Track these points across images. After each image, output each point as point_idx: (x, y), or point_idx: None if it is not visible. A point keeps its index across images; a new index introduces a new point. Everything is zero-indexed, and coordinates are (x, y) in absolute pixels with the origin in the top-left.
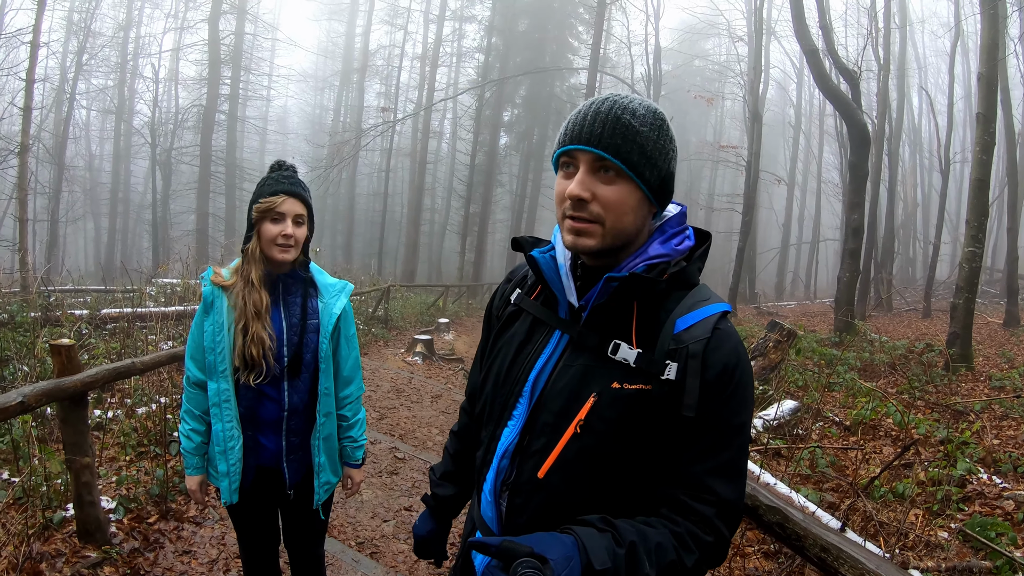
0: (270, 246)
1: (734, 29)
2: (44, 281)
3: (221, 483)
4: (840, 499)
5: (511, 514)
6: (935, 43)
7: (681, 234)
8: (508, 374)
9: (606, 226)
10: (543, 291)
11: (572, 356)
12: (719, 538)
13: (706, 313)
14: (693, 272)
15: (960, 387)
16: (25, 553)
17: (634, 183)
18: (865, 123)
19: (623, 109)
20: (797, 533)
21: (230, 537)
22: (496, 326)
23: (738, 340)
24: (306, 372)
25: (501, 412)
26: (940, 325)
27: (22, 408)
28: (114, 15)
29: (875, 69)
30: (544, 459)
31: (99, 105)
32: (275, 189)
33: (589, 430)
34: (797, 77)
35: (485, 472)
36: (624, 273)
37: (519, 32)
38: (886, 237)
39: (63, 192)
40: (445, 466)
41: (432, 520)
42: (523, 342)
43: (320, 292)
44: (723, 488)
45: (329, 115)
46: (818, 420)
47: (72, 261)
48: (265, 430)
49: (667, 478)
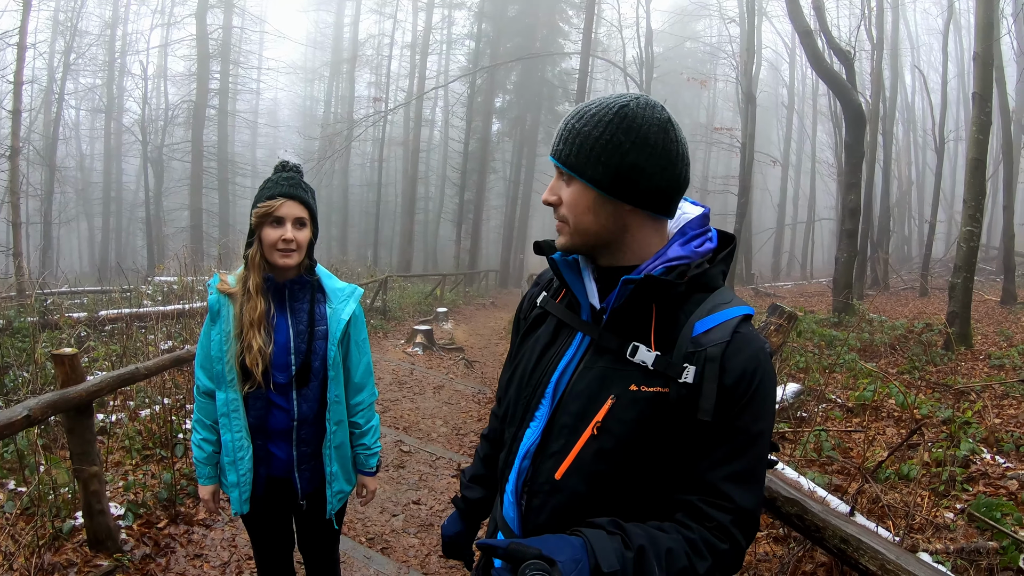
0: (271, 251)
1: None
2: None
3: (231, 493)
4: (847, 482)
5: (530, 515)
6: (927, 21)
7: (702, 236)
8: (531, 376)
9: (571, 226)
10: (567, 294)
11: (592, 358)
12: (734, 546)
13: (726, 316)
14: (715, 275)
15: (960, 366)
16: (37, 565)
17: (583, 183)
18: (860, 103)
19: (577, 114)
20: (816, 524)
21: (241, 539)
22: (523, 328)
23: (761, 346)
24: (315, 380)
25: (524, 413)
26: (937, 304)
27: (28, 422)
28: (100, 13)
29: (868, 48)
30: (562, 460)
31: (88, 104)
32: (273, 192)
33: (606, 432)
34: (789, 57)
35: (507, 473)
36: (640, 275)
37: (509, 18)
38: (882, 216)
39: (55, 193)
40: (475, 469)
41: (461, 522)
42: (547, 344)
43: (328, 297)
44: (740, 496)
45: (320, 107)
46: (821, 403)
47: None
48: (276, 440)
49: (683, 483)
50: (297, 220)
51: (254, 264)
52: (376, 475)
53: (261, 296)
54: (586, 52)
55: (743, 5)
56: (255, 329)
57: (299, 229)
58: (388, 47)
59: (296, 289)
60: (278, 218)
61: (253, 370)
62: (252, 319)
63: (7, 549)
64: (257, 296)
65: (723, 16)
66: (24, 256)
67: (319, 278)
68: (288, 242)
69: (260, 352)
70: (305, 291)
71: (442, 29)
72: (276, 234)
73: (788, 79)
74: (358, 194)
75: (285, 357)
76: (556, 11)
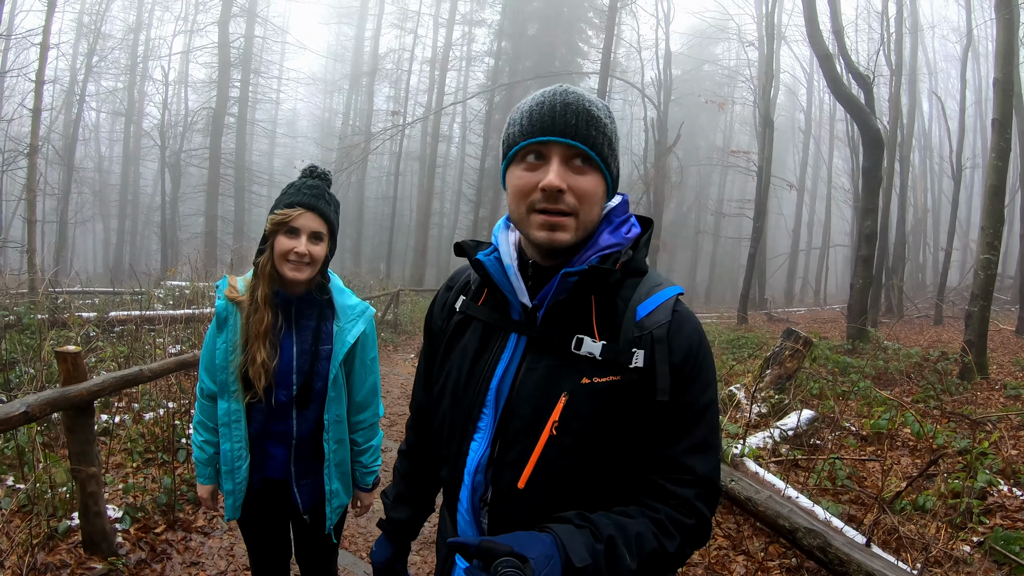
0: (282, 262)
1: (744, 34)
2: (52, 283)
3: (227, 500)
4: (861, 512)
5: (495, 529)
6: (945, 48)
7: (628, 223)
8: (467, 385)
9: (579, 218)
10: (490, 295)
11: (535, 358)
12: (700, 520)
13: (663, 298)
14: (642, 259)
15: (976, 396)
16: (29, 564)
17: (602, 174)
18: (879, 128)
19: (587, 102)
20: (840, 558)
21: (239, 548)
22: (443, 338)
23: (696, 320)
24: (316, 402)
25: (465, 425)
26: (952, 332)
27: (26, 418)
28: (124, 17)
29: (886, 74)
30: (522, 467)
31: (109, 107)
32: (292, 200)
33: (566, 429)
34: (807, 81)
35: (456, 492)
36: (583, 266)
37: (529, 36)
38: (897, 243)
39: (72, 194)
40: (398, 488)
41: (390, 544)
42: (478, 350)
43: (337, 315)
44: (700, 464)
45: (338, 118)
46: (835, 430)
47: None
48: (275, 444)
49: (643, 464)
50: (314, 234)
51: (264, 273)
52: (373, 491)
53: (269, 308)
54: (605, 72)
55: (762, 29)
56: (260, 342)
57: (315, 243)
58: (408, 61)
59: (304, 306)
60: (294, 228)
61: (256, 383)
62: (258, 331)
63: (0, 546)
64: (265, 308)
65: (742, 39)
66: (38, 254)
67: (331, 294)
68: (301, 256)
69: (263, 366)
70: (313, 308)
71: (462, 46)
72: (289, 245)
73: (805, 103)
74: (373, 207)
75: (288, 376)
76: (575, 31)
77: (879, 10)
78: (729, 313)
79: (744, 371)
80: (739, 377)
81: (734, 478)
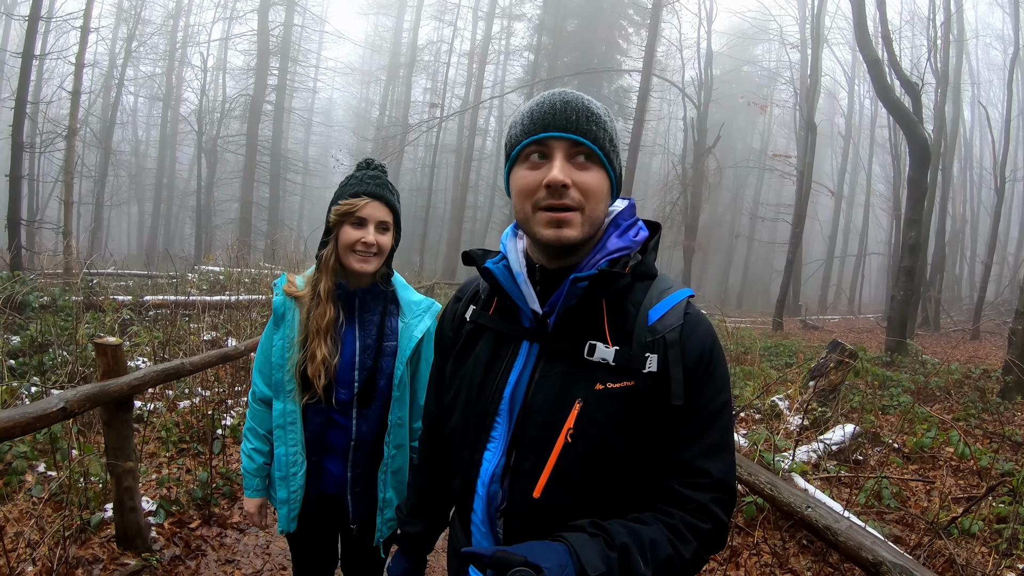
0: (347, 254)
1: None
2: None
3: (280, 510)
4: (905, 533)
5: (511, 539)
6: (989, 56)
7: (635, 226)
8: (480, 394)
9: (585, 213)
10: (500, 303)
11: (548, 365)
12: (716, 524)
13: (674, 300)
14: (651, 262)
15: (1015, 416)
16: (60, 557)
17: (605, 170)
18: (926, 137)
19: (587, 100)
20: None
21: (275, 546)
22: (454, 349)
23: (708, 322)
24: (379, 400)
25: (478, 435)
26: (989, 348)
27: (64, 414)
28: (164, 3)
29: (932, 82)
30: (537, 476)
31: (147, 92)
32: (358, 190)
33: (582, 436)
34: (848, 86)
35: (470, 502)
36: (593, 271)
37: (568, 32)
38: (936, 254)
39: (109, 176)
40: (411, 502)
41: (405, 559)
42: (490, 359)
43: (402, 310)
44: (715, 467)
45: (374, 109)
46: (876, 445)
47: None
48: (332, 457)
49: (658, 469)
50: (380, 223)
51: (327, 266)
52: None
53: (331, 302)
54: (647, 70)
55: (805, 32)
56: (321, 337)
57: (382, 233)
58: (446, 54)
59: (368, 299)
60: (360, 219)
61: (315, 381)
62: (319, 326)
63: (31, 537)
64: (327, 302)
65: (784, 41)
66: (74, 235)
67: (395, 288)
68: (369, 246)
69: (324, 363)
70: (378, 302)
71: (501, 40)
72: (356, 235)
73: (846, 108)
74: (407, 199)
75: (349, 373)
76: (615, 27)
77: (926, 17)
78: (763, 318)
79: (783, 379)
80: (780, 386)
81: (810, 504)
